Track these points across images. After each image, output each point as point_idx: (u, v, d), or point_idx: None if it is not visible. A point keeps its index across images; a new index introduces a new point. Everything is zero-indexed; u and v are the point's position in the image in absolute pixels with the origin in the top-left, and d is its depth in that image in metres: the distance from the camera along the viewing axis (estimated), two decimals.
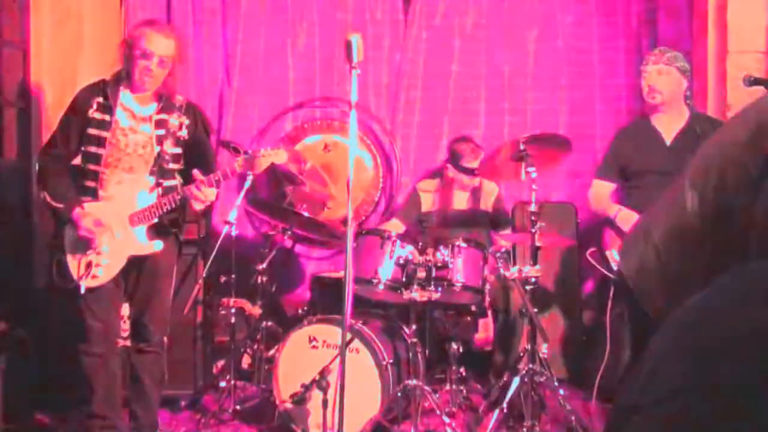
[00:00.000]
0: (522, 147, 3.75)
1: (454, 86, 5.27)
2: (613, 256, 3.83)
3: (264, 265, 4.18)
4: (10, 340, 3.77)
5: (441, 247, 3.76)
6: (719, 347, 0.70)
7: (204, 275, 3.94)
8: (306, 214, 4.21)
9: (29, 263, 4.13)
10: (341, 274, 4.33)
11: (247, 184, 3.81)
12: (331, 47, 5.25)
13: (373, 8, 5.27)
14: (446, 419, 3.56)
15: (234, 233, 3.81)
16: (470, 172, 4.58)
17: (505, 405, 3.64)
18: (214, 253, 3.70)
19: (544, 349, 3.77)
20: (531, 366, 3.66)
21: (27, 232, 4.14)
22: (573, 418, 3.61)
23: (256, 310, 4.21)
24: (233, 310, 3.98)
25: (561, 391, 3.71)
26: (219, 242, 3.70)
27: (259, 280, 4.17)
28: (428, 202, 4.76)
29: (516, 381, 3.67)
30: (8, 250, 4.01)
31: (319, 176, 4.77)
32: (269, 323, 4.25)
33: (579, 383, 4.45)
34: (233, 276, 4.04)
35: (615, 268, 3.80)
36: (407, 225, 4.65)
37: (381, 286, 3.73)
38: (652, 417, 0.72)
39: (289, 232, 4.39)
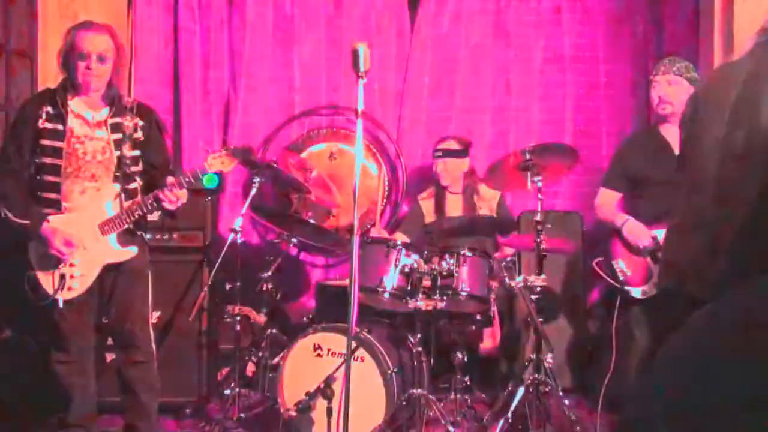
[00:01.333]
0: (528, 157, 3.75)
1: (460, 95, 5.28)
2: (620, 265, 3.82)
3: (269, 273, 4.18)
4: (14, 347, 3.78)
5: (446, 256, 3.76)
6: (724, 365, 0.70)
7: (209, 283, 3.94)
8: (311, 221, 4.22)
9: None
10: (346, 282, 4.34)
11: (253, 191, 3.81)
12: (337, 55, 5.26)
13: (379, 17, 5.29)
14: (451, 428, 3.55)
15: (239, 241, 3.81)
16: (440, 153, 4.62)
17: (509, 414, 3.63)
18: (219, 261, 3.70)
19: (549, 359, 3.76)
20: (536, 375, 3.65)
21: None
22: (578, 428, 3.60)
23: (261, 318, 4.21)
24: (238, 318, 3.98)
25: (566, 401, 3.70)
26: (224, 250, 3.71)
27: (264, 288, 4.17)
28: (430, 211, 4.77)
29: (521, 390, 3.67)
30: (14, 256, 4.01)
31: (325, 184, 4.78)
32: (274, 331, 4.24)
33: (584, 393, 4.43)
34: (238, 284, 4.04)
35: (621, 278, 3.79)
36: (410, 238, 4.64)
37: (386, 295, 3.72)
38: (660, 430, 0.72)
39: (294, 240, 4.39)
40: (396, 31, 5.30)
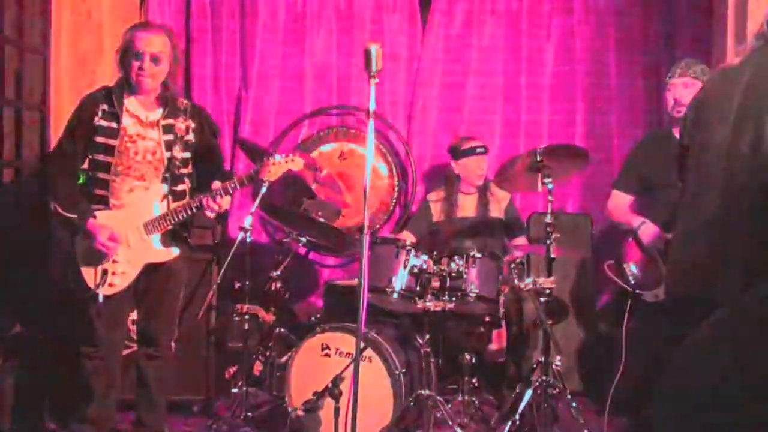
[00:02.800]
0: (539, 158, 3.74)
1: (471, 97, 5.27)
2: (631, 268, 3.80)
3: (278, 272, 4.18)
4: (25, 344, 3.80)
5: (455, 257, 3.75)
6: (736, 373, 0.69)
7: (218, 281, 3.94)
8: (321, 221, 4.21)
9: (47, 267, 4.15)
10: (355, 282, 4.33)
11: (263, 190, 3.81)
12: (348, 55, 5.26)
13: (390, 17, 5.28)
14: (458, 430, 3.55)
15: (249, 239, 3.81)
16: (471, 152, 4.60)
17: (517, 417, 3.63)
18: (228, 259, 3.70)
19: (557, 361, 3.74)
20: (544, 378, 3.64)
21: (44, 234, 4.16)
22: (586, 431, 3.59)
23: (270, 317, 4.20)
24: (246, 317, 3.98)
25: (574, 404, 3.69)
26: (234, 248, 3.70)
27: (272, 287, 4.17)
28: (438, 212, 4.76)
29: (529, 393, 3.65)
30: (26, 253, 4.03)
31: (335, 184, 4.78)
32: (282, 330, 4.24)
33: (592, 396, 4.41)
34: (247, 282, 4.03)
35: (632, 281, 3.77)
36: (417, 237, 4.64)
37: (395, 295, 3.72)
38: None
39: (304, 240, 4.39)
40: (407, 31, 5.29)
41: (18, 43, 4.10)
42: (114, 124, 3.30)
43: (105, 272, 3.26)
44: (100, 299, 3.24)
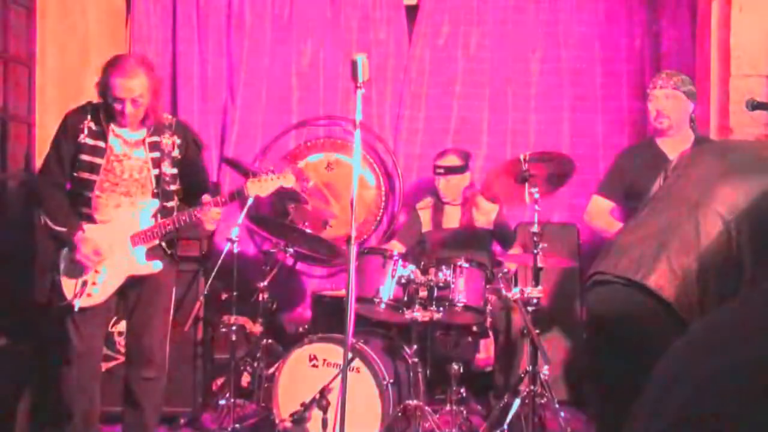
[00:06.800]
0: (525, 167, 3.74)
1: (457, 106, 5.29)
2: None
3: (265, 283, 4.17)
4: (10, 355, 3.77)
5: (443, 267, 3.75)
6: (724, 376, 0.70)
7: (205, 292, 3.93)
8: (308, 231, 4.21)
9: (31, 279, 4.13)
10: (342, 292, 4.33)
11: (250, 201, 3.81)
12: (335, 66, 5.27)
13: (377, 28, 5.30)
14: None
15: (236, 250, 3.81)
16: (436, 171, 4.59)
17: (505, 427, 3.63)
18: (215, 270, 3.70)
19: (545, 371, 3.75)
20: (532, 388, 3.64)
21: (29, 245, 4.14)
22: None
23: (257, 328, 4.20)
24: (234, 328, 3.97)
25: (562, 414, 3.69)
26: (221, 259, 3.70)
27: (260, 298, 4.16)
28: (427, 221, 4.76)
29: (517, 402, 3.66)
30: (10, 264, 4.00)
31: (322, 194, 4.78)
32: (270, 341, 4.23)
33: (580, 406, 4.42)
34: (234, 293, 4.03)
35: None
36: (406, 246, 4.64)
37: (382, 306, 3.72)
38: None
39: (291, 250, 4.38)
40: (394, 41, 5.31)
41: (3, 54, 4.08)
42: (101, 143, 3.29)
43: (84, 283, 3.26)
44: (76, 308, 3.23)
